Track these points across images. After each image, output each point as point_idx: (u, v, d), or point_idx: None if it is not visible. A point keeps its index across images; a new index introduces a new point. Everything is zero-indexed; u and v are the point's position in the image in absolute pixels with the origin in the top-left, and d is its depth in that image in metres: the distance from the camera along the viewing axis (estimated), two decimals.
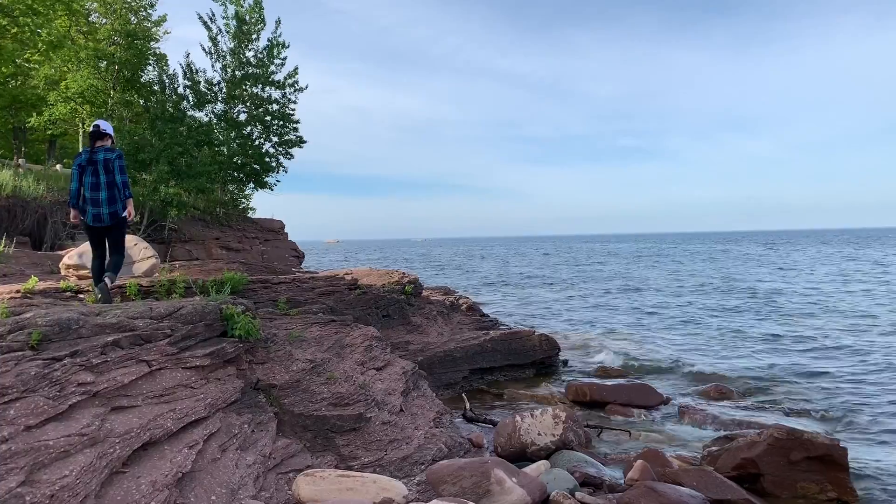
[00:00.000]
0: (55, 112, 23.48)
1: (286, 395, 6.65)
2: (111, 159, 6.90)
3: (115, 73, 24.36)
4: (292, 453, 6.20)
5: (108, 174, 6.87)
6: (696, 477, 6.78)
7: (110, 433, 4.75)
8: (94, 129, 7.11)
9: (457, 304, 15.74)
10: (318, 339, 7.85)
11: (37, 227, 18.30)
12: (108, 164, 6.88)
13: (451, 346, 12.09)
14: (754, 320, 21.83)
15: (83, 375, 5.01)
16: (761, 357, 15.42)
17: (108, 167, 6.88)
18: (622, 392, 11.01)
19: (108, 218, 6.96)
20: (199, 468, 5.26)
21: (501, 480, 5.91)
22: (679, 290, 33.06)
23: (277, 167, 27.86)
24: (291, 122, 28.01)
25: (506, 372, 13.08)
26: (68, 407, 4.72)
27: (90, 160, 6.89)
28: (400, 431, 7.17)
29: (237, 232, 25.83)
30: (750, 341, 17.71)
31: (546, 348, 13.67)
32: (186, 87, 25.77)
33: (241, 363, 6.49)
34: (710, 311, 24.76)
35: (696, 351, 16.46)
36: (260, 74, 26.87)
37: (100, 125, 7.12)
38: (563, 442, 8.04)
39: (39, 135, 29.93)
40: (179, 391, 5.65)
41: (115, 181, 6.90)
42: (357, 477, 5.40)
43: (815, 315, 22.57)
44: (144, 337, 5.74)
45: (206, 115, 26.47)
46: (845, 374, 13.25)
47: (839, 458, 7.40)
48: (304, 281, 10.34)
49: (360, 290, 10.87)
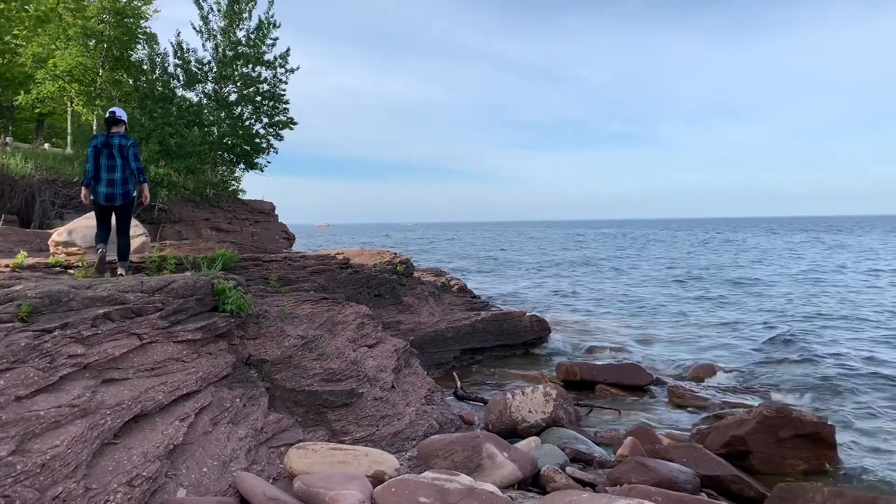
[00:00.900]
0: (43, 90, 23.18)
1: (278, 371, 6.64)
2: (126, 146, 7.39)
3: (103, 51, 24.05)
4: (284, 428, 6.20)
5: (122, 158, 7.36)
6: (685, 453, 6.84)
7: (101, 405, 4.73)
8: (109, 116, 7.63)
9: (448, 285, 15.76)
10: (309, 316, 7.84)
11: (25, 206, 18.13)
12: (122, 150, 7.36)
13: (443, 326, 12.11)
14: (741, 306, 21.98)
15: (74, 347, 4.98)
16: (752, 340, 15.54)
17: (123, 153, 7.36)
18: (612, 372, 11.07)
19: (121, 198, 7.42)
20: (191, 441, 5.26)
21: (493, 455, 5.93)
22: (668, 277, 33.22)
23: (268, 148, 27.65)
24: (282, 102, 27.76)
25: (496, 352, 13.13)
26: (59, 378, 4.70)
27: (106, 143, 7.34)
28: (391, 407, 7.18)
29: (227, 213, 25.67)
30: (741, 326, 17.83)
31: (537, 329, 13.72)
32: (177, 66, 25.49)
33: (232, 338, 6.47)
34: (699, 295, 24.90)
35: (687, 334, 16.57)
36: (251, 54, 26.58)
37: (115, 112, 7.64)
38: (554, 419, 8.09)
39: (27, 113, 29.59)
40: (171, 365, 5.64)
41: (127, 165, 7.38)
42: (349, 450, 5.41)
43: (805, 299, 22.75)
44: (135, 310, 5.71)
45: (197, 95, 26.19)
46: (834, 356, 13.36)
47: (827, 435, 7.49)
48: (295, 259, 10.31)
49: (352, 270, 10.84)
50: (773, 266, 37.58)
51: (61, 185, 19.13)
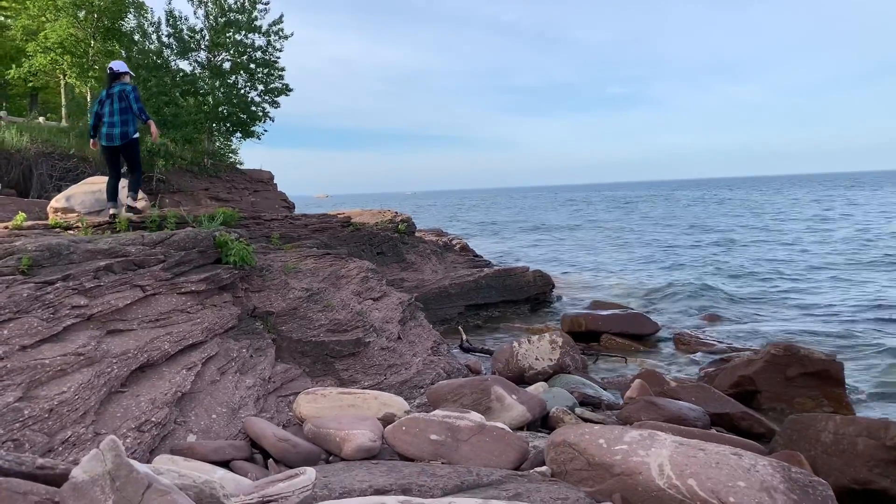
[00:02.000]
0: (35, 63, 22.89)
1: (283, 323, 6.61)
2: (126, 91, 7.85)
3: (94, 21, 23.70)
4: (292, 377, 6.20)
5: (121, 102, 7.81)
6: (694, 392, 6.84)
7: (107, 353, 4.71)
8: (109, 71, 8.24)
9: (450, 244, 15.70)
10: (313, 270, 7.79)
11: (22, 180, 18.01)
12: (122, 95, 7.82)
13: (446, 282, 12.07)
14: (742, 257, 21.95)
15: (76, 299, 4.94)
16: (757, 289, 15.53)
17: (122, 97, 7.82)
18: (617, 321, 11.04)
19: (119, 138, 7.88)
20: (199, 389, 5.25)
21: (501, 397, 5.92)
22: (668, 233, 33.16)
23: (264, 116, 27.42)
24: (277, 69, 27.46)
25: (501, 308, 13.11)
26: (63, 329, 4.67)
27: (108, 94, 7.92)
28: (398, 357, 7.17)
29: (226, 183, 25.55)
30: (745, 277, 17.81)
31: (540, 284, 13.70)
32: (169, 36, 25.17)
33: (236, 291, 6.43)
34: (700, 248, 24.86)
35: (690, 285, 16.54)
36: (243, 21, 26.22)
37: (112, 66, 8.21)
38: (561, 366, 8.09)
39: (20, 89, 29.28)
40: (175, 316, 5.60)
41: (128, 107, 7.81)
42: (358, 393, 5.40)
43: (810, 251, 22.71)
44: (137, 262, 5.66)
45: (190, 64, 25.89)
46: (840, 303, 13.36)
47: (835, 373, 7.47)
48: (296, 218, 10.25)
49: (354, 227, 10.78)
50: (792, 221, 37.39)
51: (58, 158, 18.96)
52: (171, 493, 2.50)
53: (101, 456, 2.54)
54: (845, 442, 4.89)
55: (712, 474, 3.83)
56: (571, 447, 4.29)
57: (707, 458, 3.99)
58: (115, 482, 2.54)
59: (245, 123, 26.91)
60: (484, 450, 4.63)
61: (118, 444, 2.51)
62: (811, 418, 5.29)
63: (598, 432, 4.44)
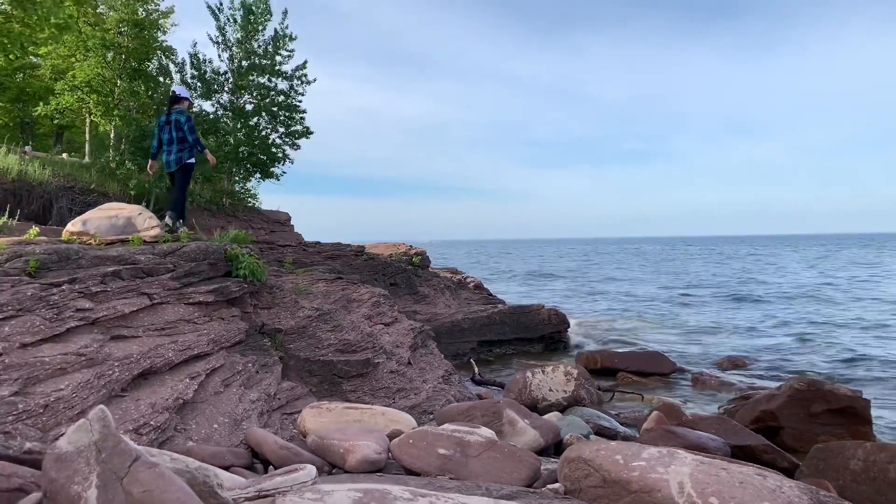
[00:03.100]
0: (62, 101, 23.44)
1: (292, 341, 6.48)
2: (181, 121, 8.46)
3: (122, 62, 24.34)
4: (298, 396, 6.03)
5: (178, 132, 8.43)
6: (714, 424, 6.57)
7: (109, 356, 4.60)
8: (171, 95, 8.86)
9: (464, 282, 15.55)
10: (324, 293, 7.69)
11: (42, 212, 18.21)
12: (178, 124, 8.43)
13: (459, 317, 11.88)
14: (759, 307, 21.55)
15: (82, 302, 4.86)
16: (775, 335, 15.17)
17: (178, 126, 8.43)
18: (634, 359, 10.77)
19: (174, 163, 8.52)
20: (202, 399, 5.09)
21: (514, 421, 5.71)
22: (685, 284, 32.79)
23: (284, 157, 27.76)
24: (298, 112, 27.93)
25: (514, 345, 12.85)
26: (66, 330, 4.58)
27: (167, 121, 8.53)
28: (408, 382, 6.98)
29: (243, 222, 25.71)
30: (763, 324, 17.44)
31: (555, 322, 13.44)
32: (193, 77, 25.78)
33: (245, 305, 6.33)
34: (716, 299, 24.49)
35: (708, 331, 16.20)
36: (267, 65, 26.82)
37: (175, 90, 8.86)
38: (575, 398, 7.84)
39: (46, 128, 29.91)
40: (181, 325, 5.50)
41: (184, 137, 8.44)
42: (365, 409, 5.21)
43: (825, 300, 22.28)
44: (146, 270, 5.59)
45: (213, 105, 26.40)
46: (862, 345, 12.98)
47: (861, 410, 7.16)
48: (309, 245, 10.21)
49: (367, 256, 10.69)
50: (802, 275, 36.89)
51: (78, 192, 19.18)
52: (159, 465, 2.35)
53: (88, 426, 2.41)
54: (876, 469, 4.63)
55: (736, 493, 3.59)
56: (587, 463, 4.08)
57: (730, 477, 3.76)
58: (101, 453, 2.40)
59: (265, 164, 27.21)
60: (494, 466, 4.42)
61: (107, 413, 2.38)
62: (839, 446, 5.04)
63: (615, 448, 4.23)
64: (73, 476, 2.29)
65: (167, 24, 27.89)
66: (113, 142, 23.71)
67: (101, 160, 22.19)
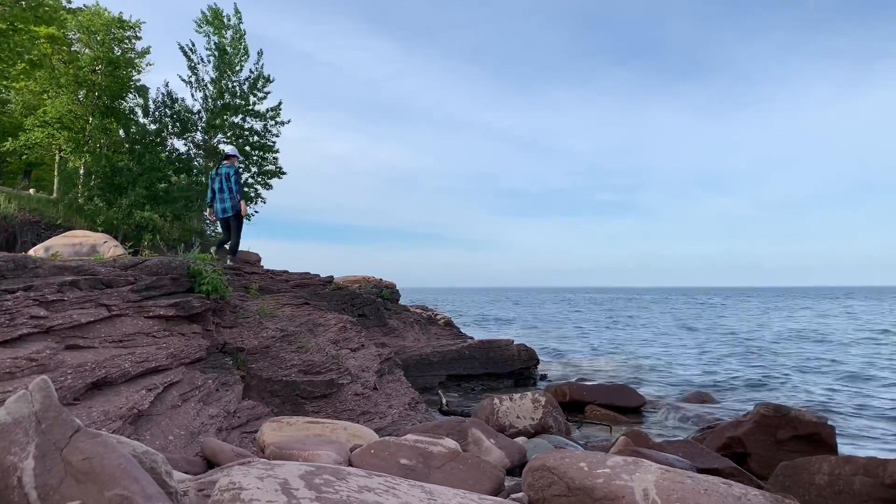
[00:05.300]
0: (31, 137, 23.23)
1: (254, 360, 6.35)
2: (230, 174, 9.99)
3: (94, 100, 24.28)
4: (259, 415, 5.88)
5: (228, 182, 9.95)
6: (681, 448, 6.53)
7: (62, 363, 4.46)
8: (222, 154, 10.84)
9: (434, 318, 15.44)
10: (289, 316, 7.59)
11: (6, 246, 17.88)
12: (227, 177, 9.94)
13: (428, 350, 11.76)
14: (729, 347, 21.73)
15: (36, 310, 4.72)
16: (740, 370, 15.25)
17: (227, 178, 9.94)
18: (602, 392, 10.70)
19: (231, 210, 9.96)
20: (158, 412, 4.94)
21: (479, 440, 5.63)
22: (662, 329, 32.99)
23: (256, 197, 27.68)
24: (271, 152, 27.98)
25: (483, 381, 12.72)
26: (18, 336, 4.44)
27: (217, 173, 10.05)
28: (374, 405, 6.86)
29: None
30: (728, 360, 17.54)
31: (525, 358, 13.36)
32: (165, 116, 25.78)
33: (207, 323, 6.20)
34: (694, 344, 24.63)
35: (677, 365, 16.24)
36: (241, 105, 26.93)
37: (226, 150, 10.64)
38: (543, 426, 7.76)
39: (14, 165, 29.55)
40: (140, 338, 5.36)
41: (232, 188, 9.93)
42: (326, 423, 5.09)
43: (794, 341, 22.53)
44: (105, 282, 5.47)
45: (185, 144, 26.38)
46: (825, 383, 13.10)
47: (827, 436, 7.19)
48: (277, 273, 10.08)
49: (336, 286, 10.59)
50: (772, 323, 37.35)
51: (44, 227, 18.88)
52: (102, 435, 2.28)
53: (28, 397, 2.34)
54: (841, 482, 4.62)
55: (701, 500, 3.56)
56: (551, 471, 4.01)
57: (695, 485, 3.73)
58: (41, 424, 2.33)
59: None
60: (457, 477, 4.33)
61: (49, 384, 2.31)
62: (805, 461, 5.03)
63: (579, 456, 4.18)
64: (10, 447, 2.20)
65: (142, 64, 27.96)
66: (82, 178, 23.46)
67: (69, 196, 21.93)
